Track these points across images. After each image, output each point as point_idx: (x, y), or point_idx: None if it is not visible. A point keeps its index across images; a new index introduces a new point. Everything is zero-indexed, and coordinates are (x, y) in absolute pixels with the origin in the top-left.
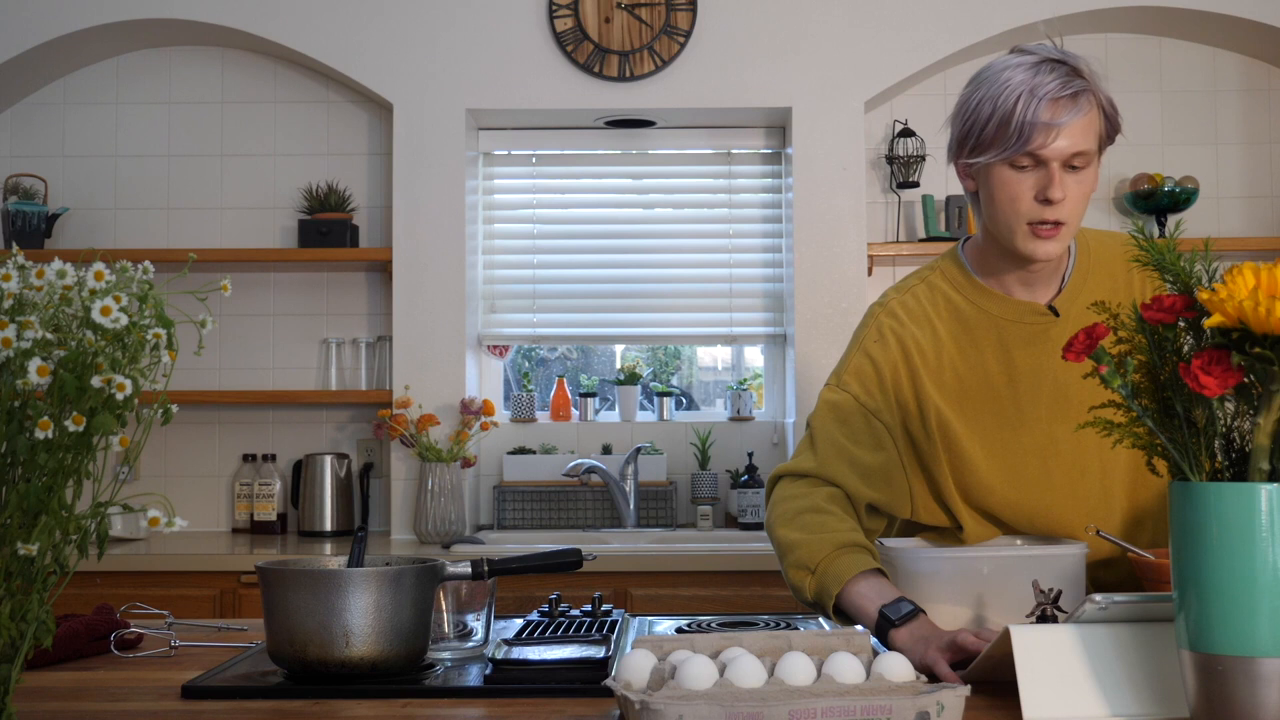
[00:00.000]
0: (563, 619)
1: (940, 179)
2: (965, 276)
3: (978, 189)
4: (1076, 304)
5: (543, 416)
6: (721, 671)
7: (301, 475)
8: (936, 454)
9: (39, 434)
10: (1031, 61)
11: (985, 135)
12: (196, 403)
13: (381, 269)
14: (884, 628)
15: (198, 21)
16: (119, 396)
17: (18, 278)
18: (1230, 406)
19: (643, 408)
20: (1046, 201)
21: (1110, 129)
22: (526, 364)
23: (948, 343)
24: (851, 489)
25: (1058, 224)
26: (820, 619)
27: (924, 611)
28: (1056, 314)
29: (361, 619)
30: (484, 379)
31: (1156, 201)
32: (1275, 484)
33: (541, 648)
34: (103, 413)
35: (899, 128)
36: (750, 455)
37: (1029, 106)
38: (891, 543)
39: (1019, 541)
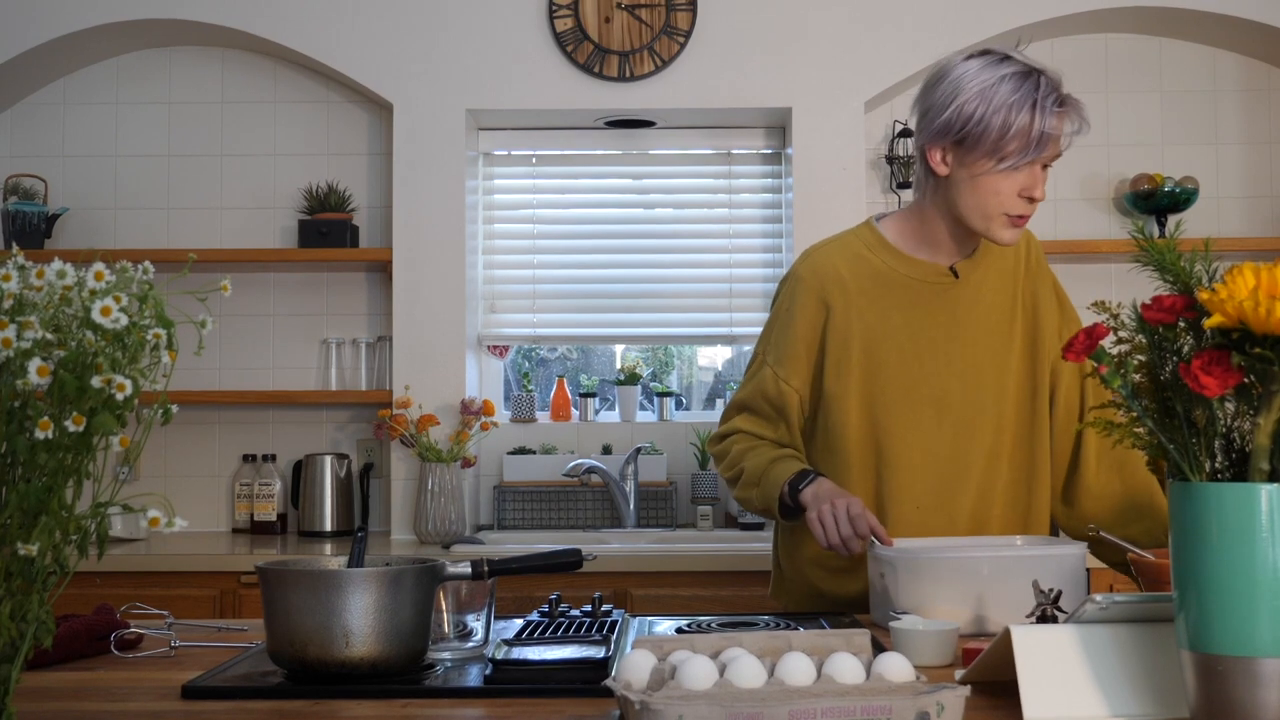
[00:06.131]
0: (563, 619)
1: None
2: (879, 240)
3: (950, 173)
4: (976, 271)
5: (543, 416)
6: (721, 672)
7: (301, 475)
8: (846, 391)
9: (39, 434)
10: (1013, 72)
11: (985, 138)
12: (196, 403)
13: (381, 269)
14: (792, 493)
15: (198, 21)
16: (119, 397)
17: (18, 278)
18: (1230, 406)
19: (643, 408)
20: (1030, 199)
21: None
22: (526, 364)
23: (856, 296)
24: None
25: (1027, 215)
26: (820, 619)
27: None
28: (956, 275)
29: (361, 619)
30: (484, 379)
31: (1156, 201)
32: (1275, 484)
33: (541, 648)
34: (103, 413)
35: (899, 128)
36: None
37: (1041, 119)
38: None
39: (1019, 541)
